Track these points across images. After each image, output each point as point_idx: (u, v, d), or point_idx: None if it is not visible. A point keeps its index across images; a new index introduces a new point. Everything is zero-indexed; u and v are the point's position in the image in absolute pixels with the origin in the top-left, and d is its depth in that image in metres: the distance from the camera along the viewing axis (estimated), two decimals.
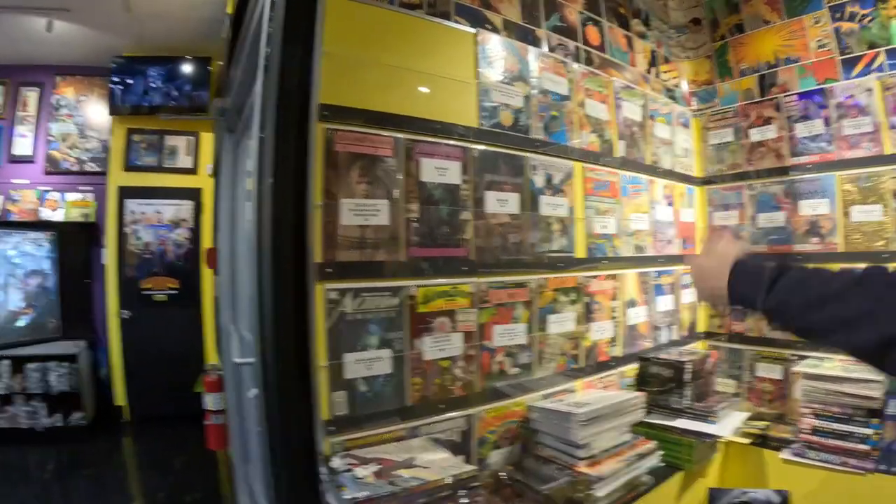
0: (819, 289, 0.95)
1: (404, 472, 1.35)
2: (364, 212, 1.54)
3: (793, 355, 2.47)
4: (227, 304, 2.97)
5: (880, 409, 1.99)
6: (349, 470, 1.34)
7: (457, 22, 1.86)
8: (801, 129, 2.53)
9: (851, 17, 2.40)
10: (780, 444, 2.23)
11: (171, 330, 5.17)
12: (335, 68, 1.51)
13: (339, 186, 1.51)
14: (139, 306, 5.19)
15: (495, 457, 1.81)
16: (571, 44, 2.30)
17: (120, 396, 5.18)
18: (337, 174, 1.51)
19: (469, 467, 1.40)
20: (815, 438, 2.11)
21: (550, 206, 2.04)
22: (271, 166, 1.48)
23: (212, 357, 4.67)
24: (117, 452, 4.66)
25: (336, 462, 1.39)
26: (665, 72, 2.87)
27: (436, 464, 1.41)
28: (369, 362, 1.53)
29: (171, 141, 5.41)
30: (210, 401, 3.01)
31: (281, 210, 1.45)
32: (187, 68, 5.27)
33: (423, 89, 1.73)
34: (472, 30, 1.87)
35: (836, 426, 2.07)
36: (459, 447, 1.70)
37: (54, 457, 4.32)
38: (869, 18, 2.35)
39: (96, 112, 5.49)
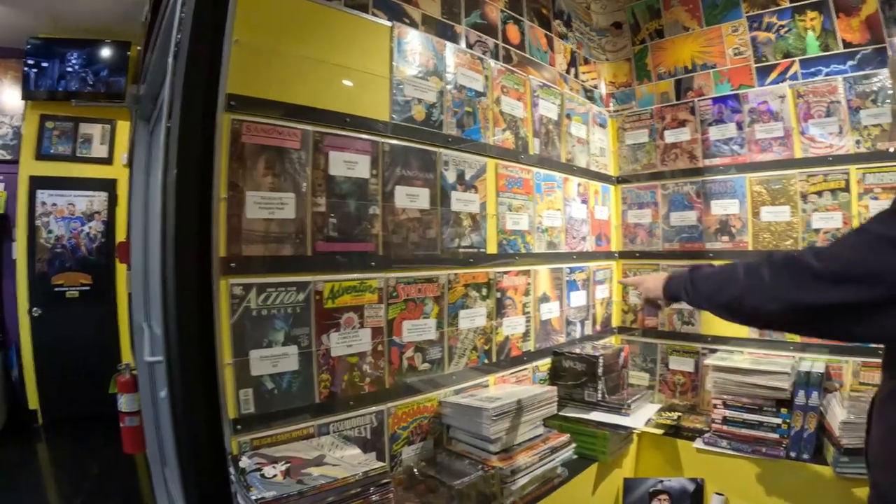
0: (720, 275, 1.32)
1: (314, 471, 1.32)
2: (270, 205, 1.51)
3: (704, 349, 2.59)
4: (139, 301, 2.85)
5: (789, 400, 2.09)
6: (258, 469, 1.31)
7: (374, 15, 1.84)
8: (714, 133, 2.64)
9: (769, 28, 2.52)
10: (693, 434, 2.32)
11: (84, 328, 4.92)
12: (245, 57, 1.47)
13: (245, 179, 1.47)
14: (50, 303, 4.91)
15: (408, 453, 1.81)
16: (491, 41, 2.32)
17: (33, 399, 4.89)
18: (243, 166, 1.46)
19: (380, 464, 1.39)
20: (727, 428, 2.20)
21: (462, 201, 2.05)
22: (176, 157, 1.43)
23: (127, 356, 4.48)
24: (31, 459, 4.40)
25: (244, 461, 1.36)
26: (584, 72, 2.94)
27: (346, 461, 1.39)
28: (275, 359, 1.50)
29: (85, 129, 5.12)
30: (125, 402, 2.88)
31: (185, 202, 1.40)
32: (105, 52, 5.00)
33: (338, 81, 1.70)
34: (389, 23, 1.86)
35: (746, 416, 2.17)
36: (371, 444, 1.70)
37: None
38: (786, 29, 2.48)
39: (9, 96, 5.13)
